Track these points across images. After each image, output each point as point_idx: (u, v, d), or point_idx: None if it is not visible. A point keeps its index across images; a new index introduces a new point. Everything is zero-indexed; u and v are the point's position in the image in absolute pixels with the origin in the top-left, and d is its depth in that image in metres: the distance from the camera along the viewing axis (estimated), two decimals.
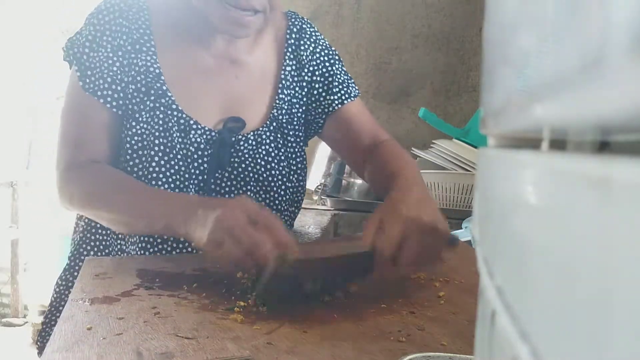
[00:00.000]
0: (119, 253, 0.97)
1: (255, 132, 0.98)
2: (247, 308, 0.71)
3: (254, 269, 0.72)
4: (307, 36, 1.05)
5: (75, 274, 1.00)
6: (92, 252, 1.00)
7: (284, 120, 1.01)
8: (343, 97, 1.06)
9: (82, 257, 1.00)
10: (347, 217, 1.64)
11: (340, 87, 1.06)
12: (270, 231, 0.71)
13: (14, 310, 3.10)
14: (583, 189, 0.13)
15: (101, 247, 0.99)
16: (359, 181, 1.77)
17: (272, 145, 0.99)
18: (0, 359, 2.73)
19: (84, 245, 1.00)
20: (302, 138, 1.05)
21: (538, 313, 0.17)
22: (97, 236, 1.00)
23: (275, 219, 0.73)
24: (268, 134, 0.99)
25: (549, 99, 0.16)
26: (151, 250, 0.95)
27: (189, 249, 0.95)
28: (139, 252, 0.95)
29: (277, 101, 1.01)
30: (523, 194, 0.20)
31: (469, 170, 1.54)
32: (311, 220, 1.49)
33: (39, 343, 1.01)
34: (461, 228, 1.26)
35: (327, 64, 1.06)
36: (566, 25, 0.15)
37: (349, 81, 1.08)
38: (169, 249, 0.95)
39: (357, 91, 1.08)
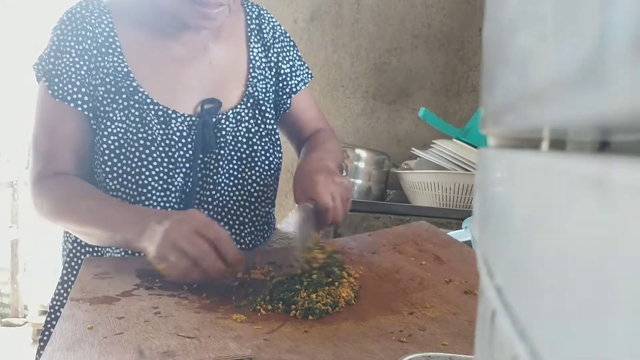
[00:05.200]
0: (113, 253, 0.97)
1: (234, 110, 1.00)
2: (247, 306, 0.71)
3: (201, 280, 0.76)
4: (266, 22, 1.10)
5: (74, 273, 1.00)
6: (87, 253, 1.00)
7: (260, 97, 1.04)
8: (305, 79, 1.13)
9: (79, 256, 1.00)
10: (347, 217, 1.64)
11: (301, 69, 1.13)
12: (218, 244, 0.76)
13: (14, 310, 3.10)
14: (583, 189, 0.13)
15: (94, 247, 0.99)
16: (359, 181, 1.77)
17: (252, 122, 1.02)
18: (0, 359, 2.73)
19: (81, 243, 1.00)
20: (275, 117, 1.09)
21: (538, 313, 0.17)
22: None
23: (223, 232, 0.78)
24: (246, 111, 1.02)
25: (549, 99, 0.16)
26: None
27: None
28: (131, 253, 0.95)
29: (251, 79, 1.04)
30: (523, 194, 0.20)
31: (469, 170, 1.54)
32: None
33: (41, 344, 1.01)
34: (461, 228, 1.26)
35: (288, 46, 1.12)
36: (566, 25, 0.15)
37: (305, 64, 1.16)
38: None
39: (311, 75, 1.17)
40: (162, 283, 0.78)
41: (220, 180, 0.98)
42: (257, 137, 1.02)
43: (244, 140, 1.01)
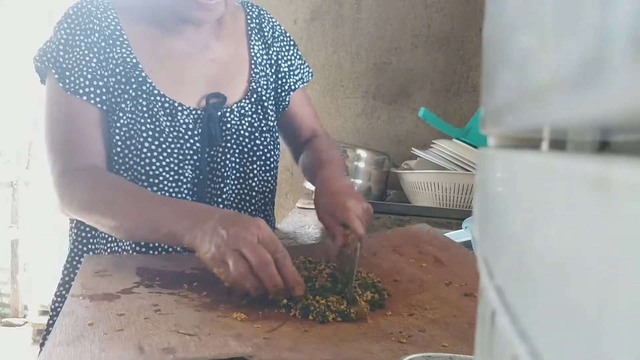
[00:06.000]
0: (114, 251, 0.97)
1: (238, 104, 1.02)
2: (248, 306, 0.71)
3: (257, 291, 0.72)
4: (266, 21, 1.11)
5: (75, 272, 1.00)
6: (88, 250, 1.00)
7: (262, 93, 1.05)
8: (304, 78, 1.15)
9: (81, 255, 1.00)
10: None
11: (301, 67, 1.15)
12: (281, 262, 0.72)
13: (14, 310, 3.10)
14: (583, 189, 0.13)
15: (94, 245, 0.99)
16: (359, 181, 1.77)
17: (254, 116, 1.03)
18: (0, 359, 2.73)
19: (83, 241, 1.00)
20: (275, 114, 1.10)
21: (538, 313, 0.17)
22: (89, 235, 1.00)
23: (286, 252, 0.73)
24: (250, 105, 1.03)
25: (549, 99, 0.16)
26: (145, 249, 0.95)
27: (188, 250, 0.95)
28: (132, 251, 0.95)
29: (253, 75, 1.06)
30: (523, 194, 0.20)
31: (469, 170, 1.54)
32: (311, 220, 1.49)
33: (42, 348, 1.01)
34: (461, 228, 1.26)
35: (288, 45, 1.13)
36: (566, 25, 0.15)
37: (305, 64, 1.17)
38: (165, 247, 0.95)
39: (311, 74, 1.18)
40: (162, 281, 0.78)
41: (228, 174, 0.99)
42: (258, 132, 1.03)
43: (246, 134, 1.02)
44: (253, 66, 1.06)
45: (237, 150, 1.01)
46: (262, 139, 1.04)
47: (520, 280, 0.19)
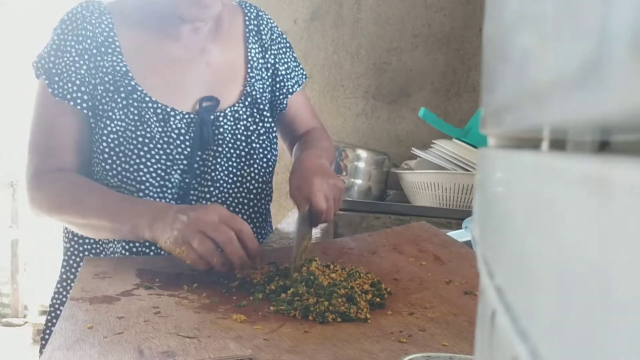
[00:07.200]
0: (113, 253, 0.97)
1: (232, 108, 1.02)
2: (248, 306, 0.71)
3: (223, 267, 0.78)
4: (264, 23, 1.11)
5: (73, 271, 1.00)
6: (85, 251, 1.00)
7: (257, 96, 1.06)
8: (300, 81, 1.16)
9: (77, 254, 1.00)
10: (347, 217, 1.64)
11: (296, 70, 1.15)
12: (242, 235, 0.78)
13: (14, 310, 3.11)
14: (583, 189, 0.13)
15: (90, 245, 1.00)
16: (359, 181, 1.77)
17: (250, 120, 1.04)
18: (0, 359, 2.73)
19: (79, 241, 1.00)
20: (272, 115, 1.10)
21: (538, 313, 0.17)
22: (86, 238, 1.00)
23: (246, 225, 0.80)
24: (244, 109, 1.03)
25: (548, 99, 0.16)
26: (139, 250, 0.95)
27: None
28: (126, 253, 0.95)
29: (249, 78, 1.06)
30: (523, 194, 0.20)
31: (469, 170, 1.54)
32: None
33: (42, 342, 1.02)
34: (461, 228, 1.26)
35: (285, 48, 1.14)
36: (566, 25, 0.15)
37: (300, 66, 1.18)
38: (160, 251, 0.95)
39: (305, 76, 1.19)
40: (162, 283, 0.78)
41: (219, 177, 0.99)
42: (255, 134, 1.03)
43: (243, 138, 1.02)
44: (249, 70, 1.06)
45: (234, 155, 1.01)
46: (260, 141, 1.04)
47: (520, 280, 0.19)
